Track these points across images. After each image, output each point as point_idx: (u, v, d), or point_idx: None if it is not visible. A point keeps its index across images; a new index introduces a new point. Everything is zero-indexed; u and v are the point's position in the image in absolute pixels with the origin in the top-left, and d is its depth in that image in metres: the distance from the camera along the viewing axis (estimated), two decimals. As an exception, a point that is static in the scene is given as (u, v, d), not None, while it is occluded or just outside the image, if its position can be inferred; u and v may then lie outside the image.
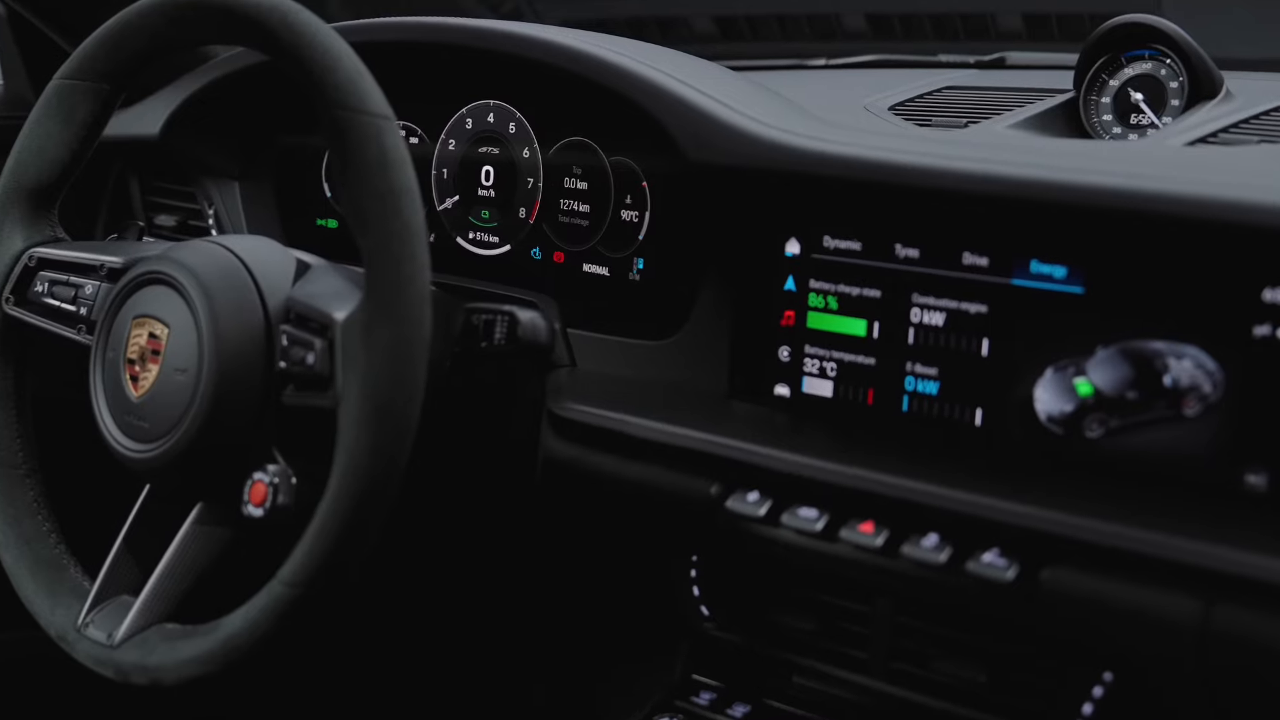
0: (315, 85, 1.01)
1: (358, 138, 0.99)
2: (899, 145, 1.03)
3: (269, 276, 1.12)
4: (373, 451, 0.97)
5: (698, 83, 1.14)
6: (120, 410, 1.14)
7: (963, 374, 1.05)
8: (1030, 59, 1.75)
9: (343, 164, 0.99)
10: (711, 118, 1.10)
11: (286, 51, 1.03)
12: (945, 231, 1.05)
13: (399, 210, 0.98)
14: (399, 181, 0.98)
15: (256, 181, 1.57)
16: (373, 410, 0.97)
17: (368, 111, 0.99)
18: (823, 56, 1.84)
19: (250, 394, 1.09)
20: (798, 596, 1.09)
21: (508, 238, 1.40)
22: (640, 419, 1.13)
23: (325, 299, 1.06)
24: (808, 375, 1.13)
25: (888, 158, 1.02)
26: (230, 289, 1.10)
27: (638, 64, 1.16)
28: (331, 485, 0.99)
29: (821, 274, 1.12)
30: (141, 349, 1.12)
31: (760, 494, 1.06)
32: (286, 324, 1.08)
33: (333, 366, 1.01)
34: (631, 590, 1.34)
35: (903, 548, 0.98)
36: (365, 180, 0.98)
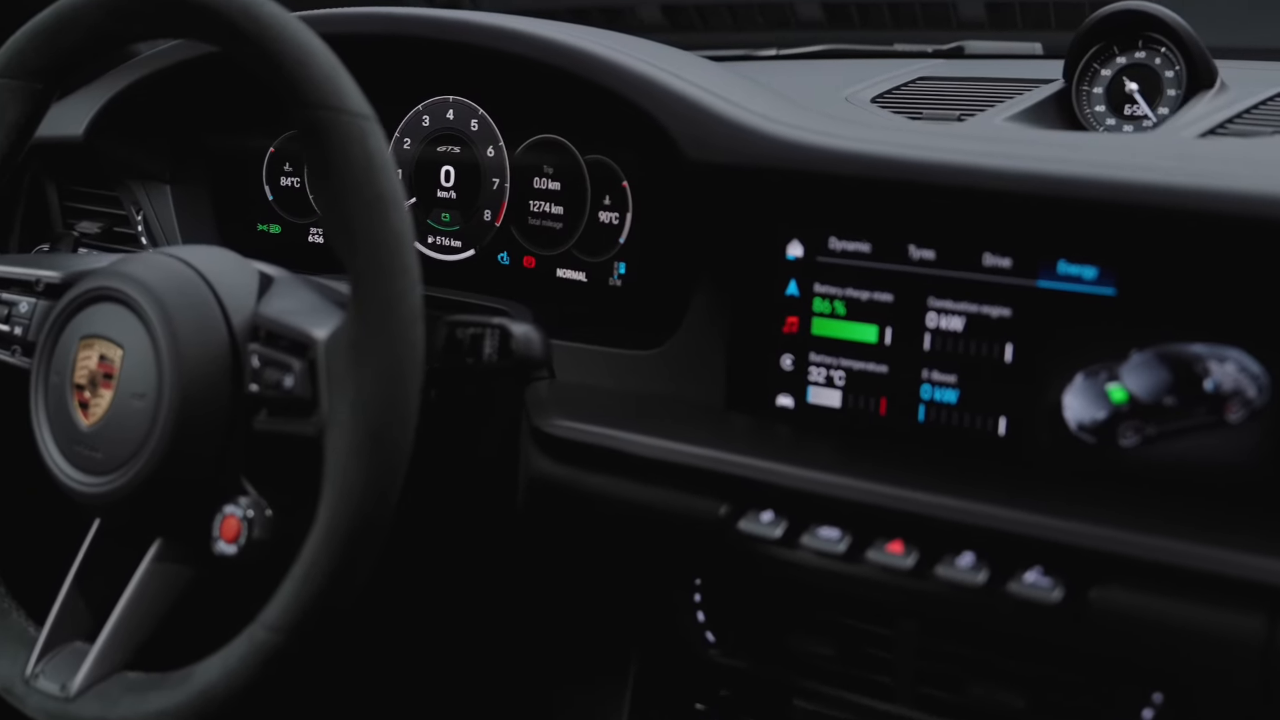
0: (287, 83, 0.92)
1: (340, 140, 0.90)
2: (915, 141, 0.98)
3: (231, 291, 1.03)
4: (366, 484, 0.89)
5: (691, 76, 1.08)
6: (68, 440, 1.04)
7: (984, 381, 1.00)
8: (989, 48, 1.71)
9: (323, 169, 0.91)
10: (714, 114, 1.03)
11: (250, 46, 0.94)
12: (964, 231, 0.99)
13: (387, 219, 0.90)
14: (386, 188, 0.90)
15: (189, 185, 1.47)
16: (365, 438, 0.89)
17: (348, 111, 0.91)
18: (775, 46, 1.78)
19: (216, 420, 0.99)
20: (815, 620, 1.03)
21: (471, 242, 1.32)
22: (638, 435, 1.06)
23: (300, 315, 0.98)
24: (813, 385, 1.07)
25: (911, 154, 0.96)
26: (190, 306, 1.01)
27: (629, 58, 1.09)
28: (321, 520, 0.90)
29: (827, 277, 1.06)
30: (91, 373, 1.02)
31: (774, 514, 0.99)
32: (256, 343, 0.99)
33: (315, 390, 0.93)
34: (622, 614, 1.27)
35: (936, 569, 0.92)
36: (350, 187, 0.90)
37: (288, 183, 1.43)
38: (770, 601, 1.04)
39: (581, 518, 1.10)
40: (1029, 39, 1.71)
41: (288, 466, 1.03)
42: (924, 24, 1.72)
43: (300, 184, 1.42)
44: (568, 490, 1.09)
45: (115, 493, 1.01)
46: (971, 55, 1.70)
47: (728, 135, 1.02)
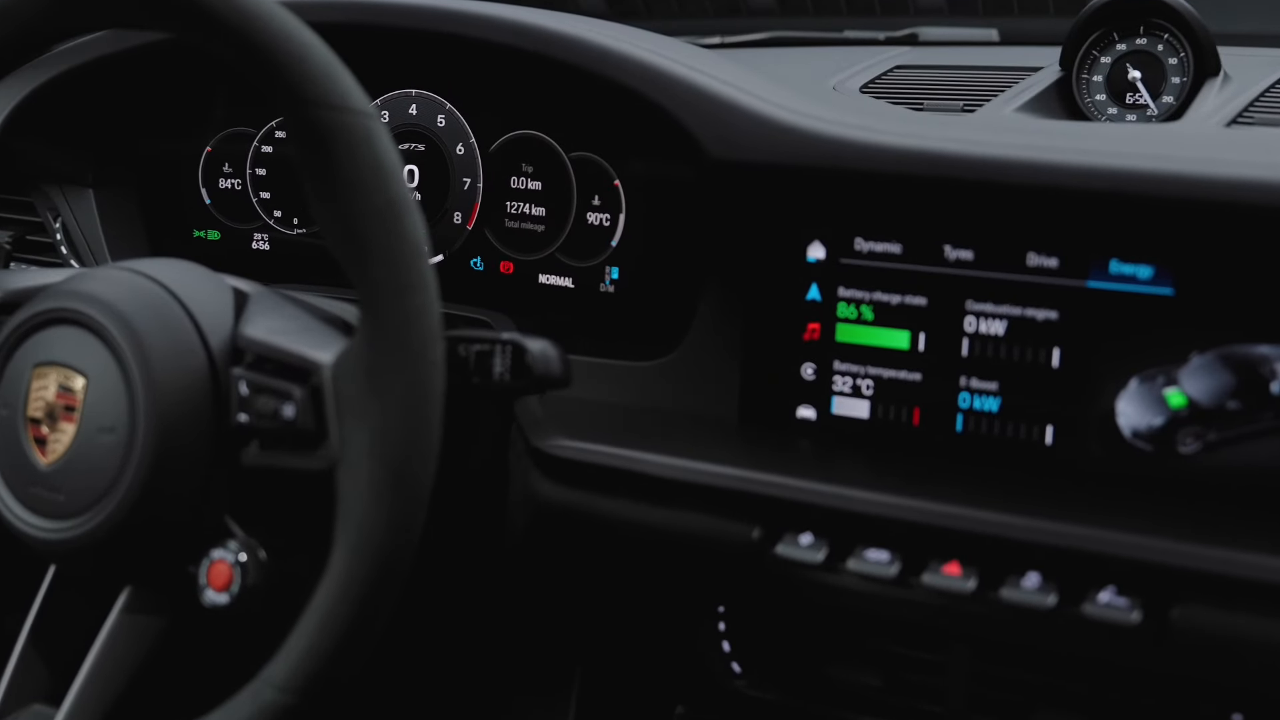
0: (281, 79, 0.82)
1: (346, 142, 0.80)
2: (959, 135, 0.91)
3: (206, 310, 0.92)
4: (389, 525, 0.80)
5: (703, 67, 1.00)
6: (22, 480, 0.92)
7: (1029, 388, 0.94)
8: (943, 34, 1.67)
9: (327, 174, 0.81)
10: (741, 109, 0.96)
11: (236, 38, 0.83)
12: (1006, 230, 0.94)
13: (402, 228, 0.80)
14: (398, 193, 0.81)
15: (114, 189, 1.34)
16: (387, 475, 0.79)
17: (352, 109, 0.81)
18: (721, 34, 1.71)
19: (197, 455, 0.89)
20: (857, 648, 0.96)
21: (440, 247, 1.22)
22: (656, 455, 0.98)
23: (293, 337, 0.88)
24: (838, 395, 1.01)
25: (966, 150, 0.89)
26: (162, 328, 0.90)
27: (637, 49, 1.01)
28: (337, 566, 0.81)
29: (852, 281, 0.99)
30: (49, 405, 0.91)
31: (814, 536, 0.93)
32: (240, 368, 0.89)
33: (322, 420, 0.83)
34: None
35: (1001, 592, 0.86)
36: (358, 193, 0.80)
37: (227, 184, 1.31)
38: (806, 629, 0.98)
39: (593, 545, 1.02)
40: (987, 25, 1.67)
41: (280, 504, 0.93)
42: (880, 10, 1.67)
43: (241, 186, 1.30)
44: (577, 516, 1.01)
45: (82, 539, 0.90)
46: (926, 42, 1.66)
47: (756, 131, 0.94)
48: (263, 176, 1.29)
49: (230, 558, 0.89)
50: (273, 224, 1.30)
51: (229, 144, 1.31)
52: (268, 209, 1.30)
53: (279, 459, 0.87)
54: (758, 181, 0.98)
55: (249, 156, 1.29)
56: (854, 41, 1.71)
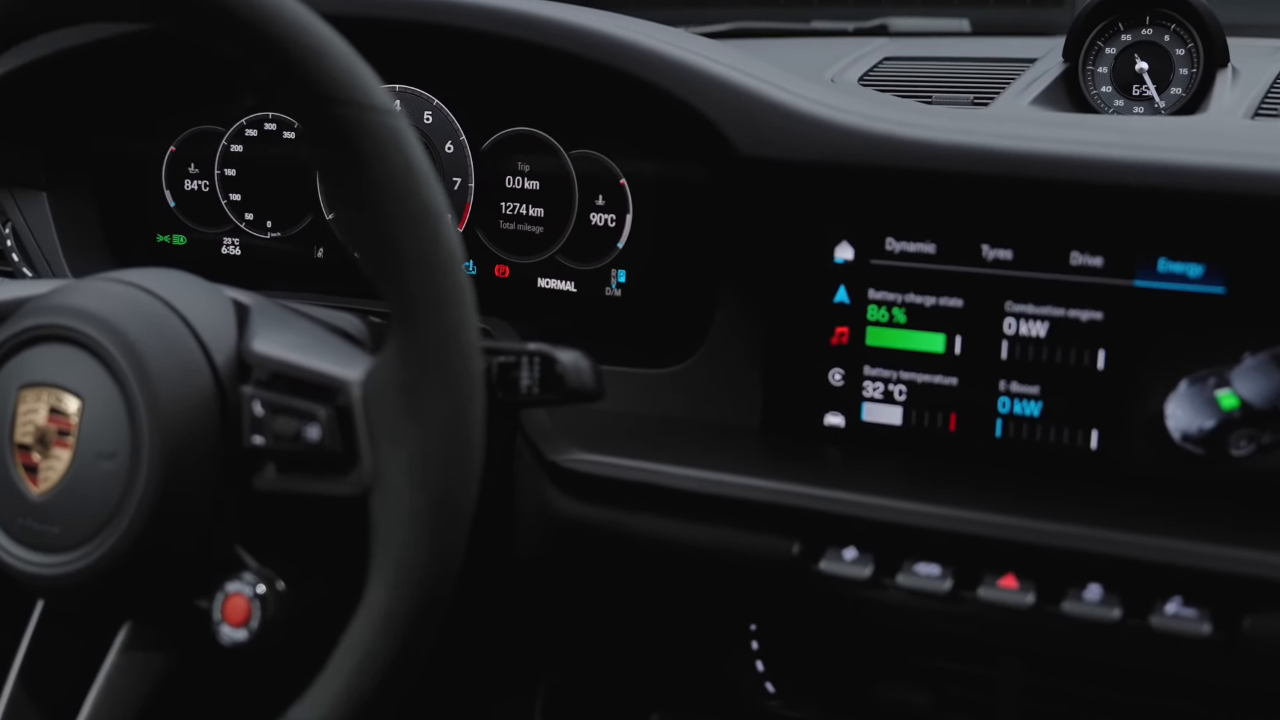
0: (299, 75, 0.75)
1: (375, 144, 0.74)
2: (1005, 131, 0.88)
3: (207, 324, 0.86)
4: (432, 556, 0.74)
5: (728, 60, 0.95)
6: (9, 511, 0.85)
7: (1073, 391, 0.91)
8: (913, 25, 1.64)
9: (355, 178, 0.75)
10: (774, 104, 0.91)
11: (245, 31, 0.76)
12: (1048, 228, 0.90)
13: (438, 236, 0.75)
14: (432, 198, 0.75)
15: (70, 191, 1.26)
16: (429, 502, 0.74)
17: (377, 108, 0.75)
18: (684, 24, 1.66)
19: (206, 481, 0.83)
20: (903, 665, 0.93)
21: (427, 250, 1.16)
22: (685, 468, 0.93)
23: (311, 352, 0.82)
24: (868, 401, 0.97)
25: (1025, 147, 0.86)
26: (164, 344, 0.83)
27: (658, 42, 0.96)
28: (375, 600, 0.75)
29: (883, 282, 0.95)
30: (40, 430, 0.84)
31: (858, 550, 0.89)
32: (251, 386, 0.83)
33: (353, 443, 0.77)
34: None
35: (1063, 605, 0.83)
36: (391, 198, 0.74)
37: (193, 186, 1.24)
38: (848, 647, 0.94)
39: (615, 563, 0.97)
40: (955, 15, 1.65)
41: (294, 530, 0.87)
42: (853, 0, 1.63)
43: (209, 188, 1.23)
44: (598, 533, 0.96)
45: (81, 574, 0.83)
46: (897, 33, 1.63)
47: (792, 128, 0.90)
48: (232, 178, 1.22)
49: (247, 590, 0.82)
50: (244, 228, 1.22)
51: (195, 143, 1.23)
52: (238, 212, 1.22)
53: (300, 484, 0.81)
54: (786, 180, 0.94)
55: (217, 156, 1.22)
56: (822, 32, 1.67)
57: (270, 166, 1.20)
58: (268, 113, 1.20)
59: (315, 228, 1.20)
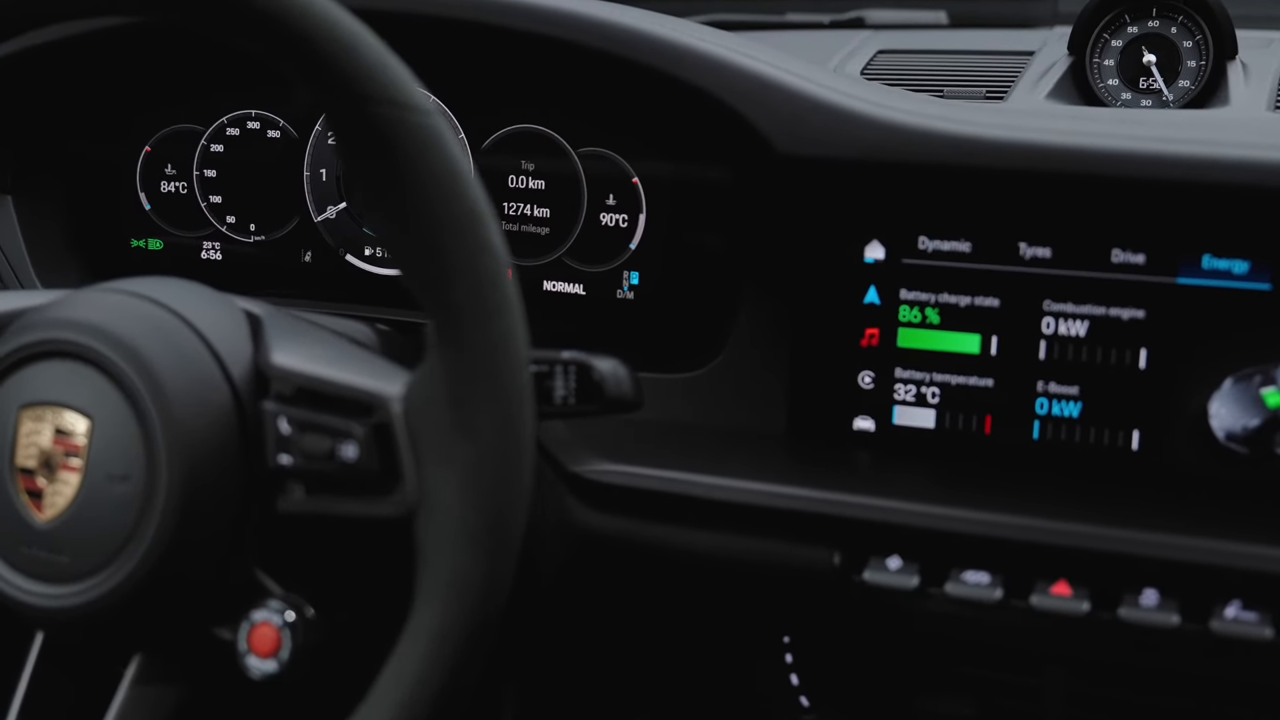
0: (330, 73, 0.71)
1: (414, 145, 0.70)
2: (1051, 126, 0.86)
3: (221, 336, 0.81)
4: (485, 578, 0.70)
5: (759, 54, 0.92)
6: (11, 540, 0.79)
7: (1113, 391, 0.89)
8: (890, 18, 1.62)
9: (394, 181, 0.70)
10: (814, 101, 0.88)
11: (270, 25, 0.72)
12: (1089, 226, 0.88)
13: (485, 242, 0.71)
14: (476, 202, 0.71)
15: (36, 194, 1.19)
16: (482, 523, 0.70)
17: (415, 107, 0.71)
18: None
19: (226, 503, 0.78)
20: (947, 676, 0.90)
21: (424, 253, 1.11)
22: (715, 478, 0.90)
23: (340, 365, 0.77)
24: (900, 404, 0.94)
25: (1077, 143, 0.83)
26: (178, 359, 0.78)
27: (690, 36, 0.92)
28: (424, 626, 0.71)
29: (915, 282, 0.93)
30: (44, 452, 0.78)
31: (902, 560, 0.86)
32: (273, 402, 0.78)
33: (395, 462, 0.73)
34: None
35: (1119, 611, 0.81)
36: (434, 202, 0.70)
37: (170, 188, 1.18)
38: (888, 658, 0.91)
39: (644, 576, 0.94)
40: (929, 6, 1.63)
41: (317, 553, 0.83)
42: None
43: (187, 189, 1.17)
44: (626, 546, 0.93)
45: (92, 605, 0.77)
46: (874, 25, 1.61)
47: (833, 125, 0.86)
48: (212, 179, 1.17)
49: (275, 619, 0.78)
50: (225, 231, 1.17)
51: (172, 143, 1.17)
52: (219, 215, 1.17)
53: (333, 505, 0.76)
54: (818, 178, 0.91)
55: (196, 157, 1.17)
56: (797, 25, 1.65)
57: (254, 167, 1.15)
58: (250, 110, 1.15)
59: (303, 231, 1.15)
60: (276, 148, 1.14)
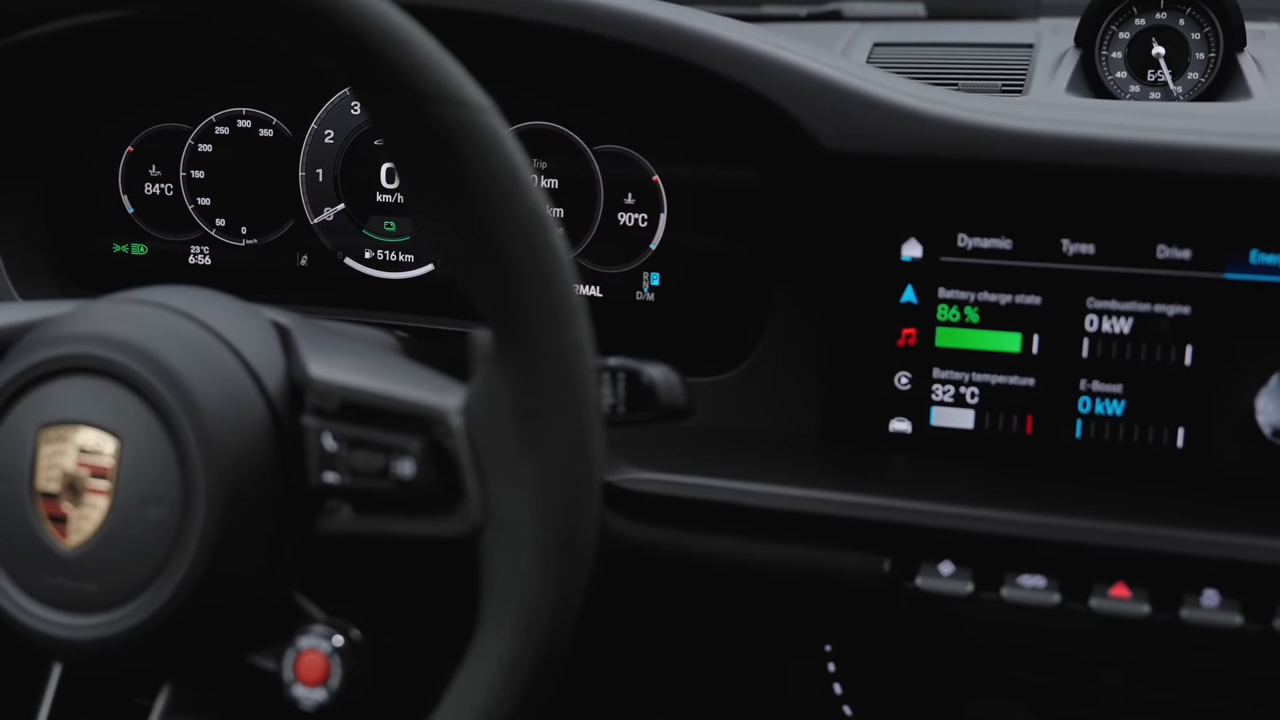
0: (382, 69, 0.67)
1: (474, 144, 0.66)
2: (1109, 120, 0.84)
3: (253, 348, 0.77)
4: (559, 599, 0.67)
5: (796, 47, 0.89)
6: (32, 569, 0.75)
7: (1158, 389, 0.88)
8: (866, 9, 1.61)
9: (453, 182, 0.67)
10: (861, 96, 0.85)
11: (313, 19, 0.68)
12: (1133, 221, 0.87)
13: (549, 245, 0.67)
14: (540, 204, 0.68)
15: (11, 198, 1.13)
16: (556, 540, 0.67)
17: (474, 104, 0.68)
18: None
19: (266, 525, 0.74)
20: (999, 682, 0.88)
21: (428, 254, 1.08)
22: (755, 484, 0.88)
23: (386, 377, 0.74)
24: (938, 405, 0.93)
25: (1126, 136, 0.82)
26: (210, 373, 0.74)
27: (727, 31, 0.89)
28: (494, 652, 0.67)
29: (954, 280, 0.91)
30: (68, 475, 0.74)
31: (955, 565, 0.84)
32: (313, 416, 0.74)
33: (457, 478, 0.69)
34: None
35: (1181, 613, 0.80)
36: (498, 205, 0.67)
37: (154, 190, 1.13)
38: (936, 665, 0.89)
39: (682, 587, 0.91)
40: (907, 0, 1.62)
41: (358, 574, 0.79)
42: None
43: (173, 191, 1.12)
44: (664, 557, 0.90)
45: (125, 635, 0.73)
46: (850, 18, 1.59)
47: (881, 120, 0.84)
48: (200, 180, 1.12)
49: (323, 645, 0.74)
50: (214, 235, 1.12)
51: (156, 143, 1.12)
52: (208, 217, 1.12)
53: (385, 525, 0.73)
54: (857, 175, 0.88)
55: (182, 157, 1.11)
56: (773, 18, 1.63)
57: (245, 167, 1.10)
58: (240, 108, 1.10)
59: (298, 234, 1.10)
60: (269, 147, 1.10)
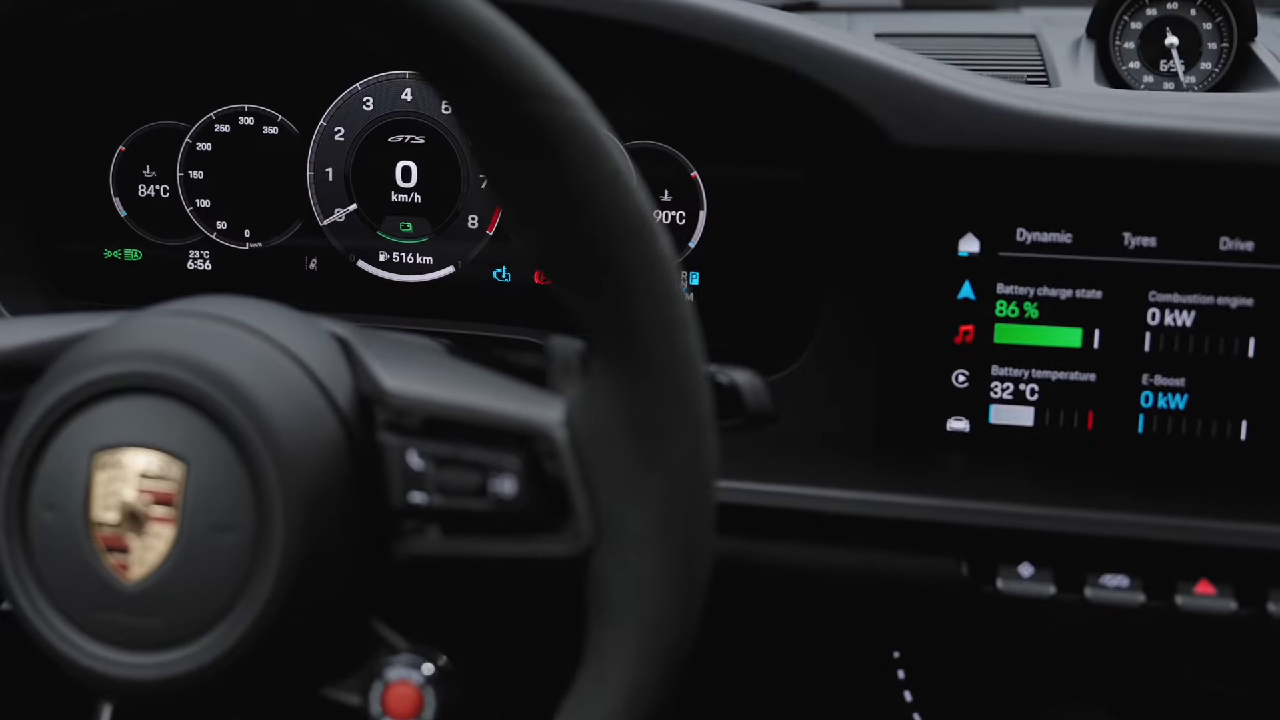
0: (472, 66, 0.63)
1: (577, 144, 0.63)
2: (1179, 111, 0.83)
3: (320, 362, 0.72)
4: (684, 619, 0.64)
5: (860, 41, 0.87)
6: (87, 605, 0.69)
7: (1220, 381, 0.88)
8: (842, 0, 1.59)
9: (556, 185, 0.63)
10: (936, 90, 0.82)
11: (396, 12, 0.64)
12: (1196, 214, 0.86)
13: (660, 251, 0.64)
14: (645, 208, 0.65)
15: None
16: (681, 557, 0.64)
17: (573, 102, 0.64)
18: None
19: (346, 550, 0.70)
20: (1075, 683, 0.87)
21: (448, 257, 1.04)
22: (822, 489, 0.85)
23: (472, 389, 0.70)
24: (997, 402, 0.91)
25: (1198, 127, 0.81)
26: (280, 390, 0.69)
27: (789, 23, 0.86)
28: (616, 679, 0.64)
29: (1013, 276, 0.90)
30: (128, 504, 0.68)
31: (1034, 566, 0.83)
32: (392, 433, 0.70)
33: (564, 495, 0.66)
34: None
35: (1268, 607, 0.79)
36: (604, 207, 0.63)
37: (149, 192, 1.07)
38: (1012, 668, 0.88)
39: (749, 599, 0.88)
40: (885, -10, 1.61)
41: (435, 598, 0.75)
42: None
43: (170, 193, 1.06)
44: (731, 568, 0.87)
45: (194, 674, 0.68)
46: (827, 8, 1.57)
47: (955, 112, 0.82)
48: (199, 181, 1.06)
49: (413, 675, 0.70)
50: (215, 238, 1.06)
51: (150, 142, 1.06)
52: (208, 220, 1.06)
53: (478, 546, 0.68)
54: (919, 171, 0.86)
55: (180, 157, 1.06)
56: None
57: (248, 167, 1.05)
58: (242, 105, 1.04)
59: (306, 236, 1.05)
60: (274, 145, 1.04)
